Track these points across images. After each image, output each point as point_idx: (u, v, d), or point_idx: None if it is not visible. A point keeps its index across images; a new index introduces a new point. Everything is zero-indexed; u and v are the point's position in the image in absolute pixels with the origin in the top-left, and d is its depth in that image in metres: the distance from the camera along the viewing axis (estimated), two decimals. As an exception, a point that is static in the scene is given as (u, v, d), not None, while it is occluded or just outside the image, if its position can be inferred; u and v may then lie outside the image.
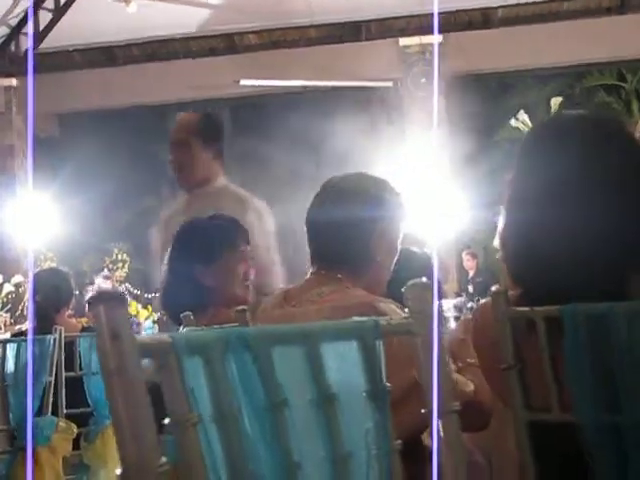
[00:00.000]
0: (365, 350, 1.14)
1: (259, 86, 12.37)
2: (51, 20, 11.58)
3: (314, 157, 13.04)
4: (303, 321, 2.25)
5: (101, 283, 12.23)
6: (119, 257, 13.95)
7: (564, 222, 1.99)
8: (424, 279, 1.28)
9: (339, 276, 2.41)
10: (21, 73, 12.30)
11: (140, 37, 12.35)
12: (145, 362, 0.89)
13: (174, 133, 4.26)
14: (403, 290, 1.25)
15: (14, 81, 12.56)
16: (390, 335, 1.22)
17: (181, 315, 2.69)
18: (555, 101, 5.66)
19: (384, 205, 2.49)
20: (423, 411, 1.19)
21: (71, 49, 12.57)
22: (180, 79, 12.41)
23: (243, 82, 12.22)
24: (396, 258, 3.85)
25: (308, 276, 2.50)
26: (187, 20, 11.95)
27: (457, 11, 11.66)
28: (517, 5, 11.65)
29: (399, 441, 1.15)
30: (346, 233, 2.44)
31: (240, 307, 2.39)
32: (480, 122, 13.24)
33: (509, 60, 12.12)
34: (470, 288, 11.80)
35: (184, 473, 0.89)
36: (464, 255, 12.15)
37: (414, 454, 2.45)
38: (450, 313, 2.86)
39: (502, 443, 2.22)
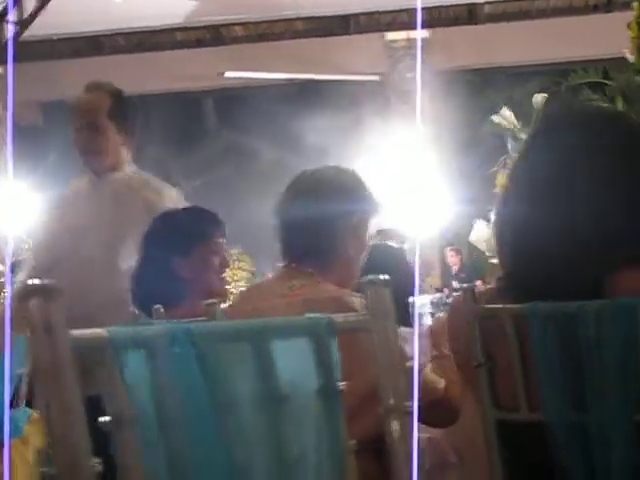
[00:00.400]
0: (318, 348, 1.11)
1: (244, 78, 12.33)
2: (36, 8, 11.48)
3: (299, 150, 12.98)
4: (273, 315, 2.22)
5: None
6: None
7: (549, 218, 1.97)
8: (382, 276, 1.25)
9: (310, 270, 2.39)
10: (4, 61, 12.21)
11: (126, 27, 12.28)
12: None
13: (83, 113, 3.96)
14: (361, 284, 1.23)
15: (-2, 69, 12.47)
16: (345, 332, 1.19)
17: (152, 308, 2.66)
18: (538, 97, 5.63)
19: (355, 199, 2.47)
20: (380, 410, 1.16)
21: (56, 38, 12.49)
22: (166, 70, 12.35)
23: (228, 74, 12.17)
24: (371, 253, 3.84)
25: (279, 270, 2.48)
26: (173, 11, 11.88)
27: (443, 6, 11.64)
28: (503, 1, 11.65)
29: (353, 441, 1.12)
30: (317, 227, 2.41)
31: (211, 300, 2.36)
32: (465, 117, 13.23)
33: (494, 56, 12.12)
34: (454, 284, 11.79)
35: (121, 472, 0.86)
36: (447, 251, 12.14)
37: (384, 449, 2.44)
38: (426, 309, 2.85)
39: (474, 441, 2.19)
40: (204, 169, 15.39)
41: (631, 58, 3.10)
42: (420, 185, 10.76)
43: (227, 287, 3.32)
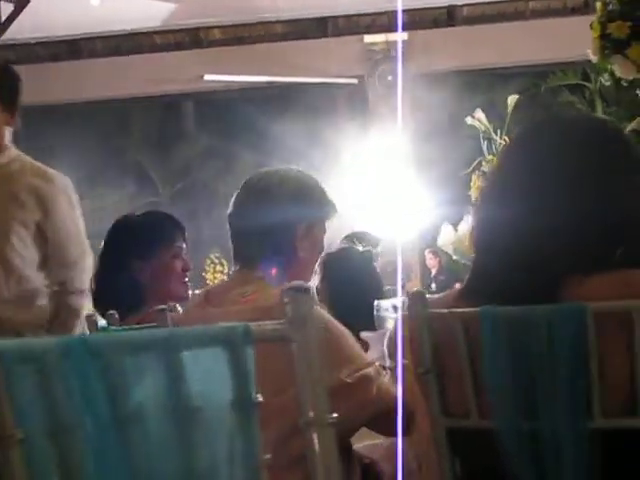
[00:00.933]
0: (233, 358, 1.07)
1: (223, 81, 12.28)
2: (12, 12, 11.41)
3: (278, 154, 12.97)
4: (224, 322, 2.19)
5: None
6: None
7: (512, 223, 1.95)
8: (298, 282, 1.21)
9: (260, 275, 2.36)
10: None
11: (104, 30, 12.22)
12: None
13: None
14: (283, 292, 1.19)
15: (-26, 74, 12.39)
16: (263, 342, 1.16)
17: (108, 313, 2.64)
18: (512, 99, 5.60)
19: (308, 202, 2.43)
20: (298, 422, 1.12)
21: (34, 42, 12.42)
22: (145, 73, 12.29)
23: (207, 77, 12.12)
24: (334, 257, 3.81)
25: (232, 275, 2.45)
26: (152, 14, 11.83)
27: (422, 9, 11.62)
28: (482, 4, 11.63)
29: (268, 455, 1.09)
30: (268, 231, 2.38)
31: (160, 307, 2.33)
32: (445, 120, 13.22)
33: (474, 58, 12.09)
34: (433, 286, 11.77)
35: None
36: (426, 253, 12.12)
37: (342, 456, 2.40)
38: (388, 313, 2.82)
39: (430, 448, 2.17)
40: (184, 172, 15.35)
41: (594, 58, 3.08)
42: (400, 187, 10.74)
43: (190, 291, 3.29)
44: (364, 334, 3.07)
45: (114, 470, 0.92)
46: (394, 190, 10.56)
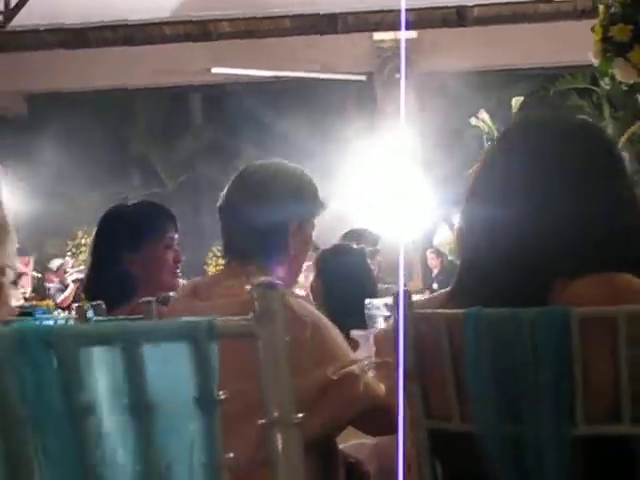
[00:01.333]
0: (196, 353, 1.04)
1: (231, 75, 12.26)
2: (22, -2, 11.40)
3: (283, 149, 12.92)
4: (210, 315, 2.16)
5: (52, 277, 12.09)
6: (83, 241, 13.79)
7: (500, 224, 1.93)
8: (267, 279, 1.18)
9: (250, 268, 2.33)
10: (-10, 50, 12.13)
11: (113, 20, 12.20)
12: None
13: None
14: (252, 288, 1.16)
15: (-18, 59, 12.39)
16: (228, 337, 1.13)
17: (92, 304, 2.62)
18: (516, 101, 5.57)
19: (302, 199, 2.41)
20: (260, 422, 1.10)
21: (42, 29, 12.40)
22: (153, 64, 12.28)
23: (215, 70, 12.11)
24: (327, 254, 3.79)
25: (222, 268, 2.43)
26: (161, 5, 11.81)
27: (432, 8, 11.57)
28: (493, 5, 11.59)
29: (230, 454, 1.06)
30: (260, 226, 2.35)
31: (146, 298, 2.32)
32: (451, 119, 13.18)
33: (483, 59, 12.07)
34: (435, 286, 11.74)
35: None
36: (428, 253, 12.09)
37: (326, 455, 2.38)
38: (380, 312, 2.79)
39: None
40: (189, 165, 15.34)
41: (596, 62, 3.06)
42: (405, 186, 10.71)
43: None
44: (354, 332, 3.05)
45: (66, 465, 0.90)
46: (399, 189, 10.53)
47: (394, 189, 10.63)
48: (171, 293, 3.09)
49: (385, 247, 7.91)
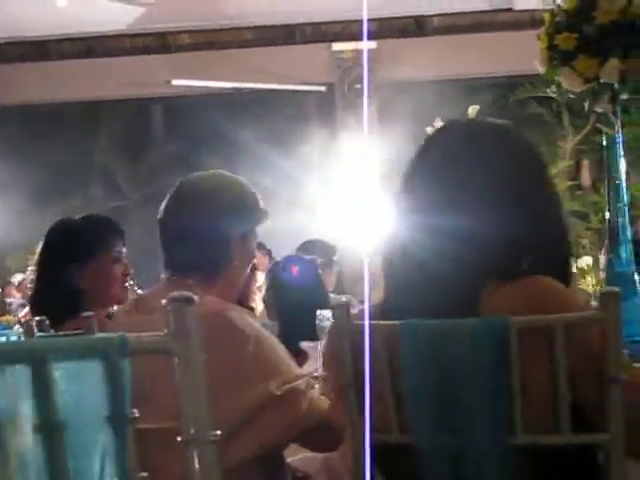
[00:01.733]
0: (109, 370, 1.02)
1: (192, 86, 12.23)
2: (-20, 12, 11.33)
3: (246, 160, 12.90)
4: (151, 329, 2.14)
5: (14, 292, 11.98)
6: (44, 255, 13.61)
7: (425, 233, 1.92)
8: (182, 293, 1.16)
9: (190, 282, 2.30)
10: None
11: (73, 33, 12.15)
12: None
13: None
14: (166, 302, 1.14)
15: (-59, 73, 12.30)
16: (141, 354, 1.11)
17: (35, 319, 2.58)
18: (472, 110, 5.58)
19: (243, 210, 2.38)
20: (179, 439, 1.07)
21: (2, 42, 12.34)
22: (113, 76, 12.23)
23: (175, 82, 12.08)
24: (278, 266, 3.78)
25: (161, 282, 2.40)
26: (120, 17, 11.77)
27: (391, 18, 11.61)
28: (452, 14, 11.64)
29: (144, 473, 1.03)
30: (199, 239, 2.33)
31: (87, 313, 2.29)
32: (412, 129, 13.20)
33: (443, 68, 12.10)
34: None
35: None
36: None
37: (272, 470, 2.36)
38: (329, 323, 2.77)
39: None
40: (151, 177, 15.26)
41: (542, 70, 3.06)
42: (366, 197, 10.72)
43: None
44: (304, 344, 3.03)
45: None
46: (361, 199, 10.54)
47: (356, 199, 10.64)
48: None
49: (347, 257, 7.90)
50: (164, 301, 1.11)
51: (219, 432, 2.09)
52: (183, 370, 1.05)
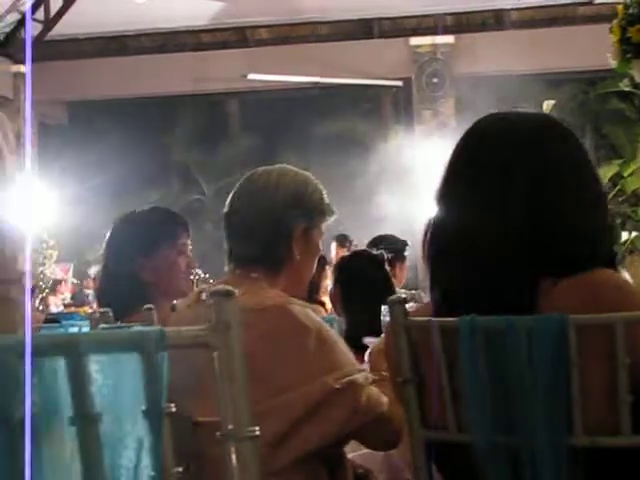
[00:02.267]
0: (147, 363, 1.01)
1: (268, 81, 12.27)
2: (61, 7, 11.50)
3: (321, 155, 12.92)
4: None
5: (91, 284, 12.10)
6: (122, 249, 13.77)
7: (477, 225, 1.88)
8: (223, 287, 1.14)
9: (254, 275, 2.29)
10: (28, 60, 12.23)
11: (151, 28, 12.29)
12: None
13: None
14: (205, 297, 1.13)
15: (23, 67, 12.51)
16: (180, 348, 1.09)
17: (99, 311, 2.60)
18: (547, 105, 5.49)
19: (304, 204, 2.36)
20: (217, 434, 1.06)
21: (81, 37, 12.53)
22: (190, 71, 12.34)
23: (251, 76, 12.13)
24: (347, 260, 3.75)
25: (225, 276, 2.39)
26: (198, 12, 11.88)
27: (469, 12, 11.53)
28: (530, 8, 11.52)
29: (179, 469, 1.02)
30: (262, 231, 2.31)
31: (148, 305, 2.29)
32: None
33: (521, 63, 11.96)
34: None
35: None
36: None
37: (333, 465, 2.34)
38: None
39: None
40: (226, 171, 15.36)
41: (614, 63, 2.99)
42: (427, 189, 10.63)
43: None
44: (367, 339, 3.00)
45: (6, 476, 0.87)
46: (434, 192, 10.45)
47: (429, 193, 10.55)
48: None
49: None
50: (204, 295, 1.09)
51: (284, 424, 2.09)
52: (222, 364, 1.04)
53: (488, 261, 1.84)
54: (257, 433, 1.07)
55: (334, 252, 7.65)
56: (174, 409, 1.02)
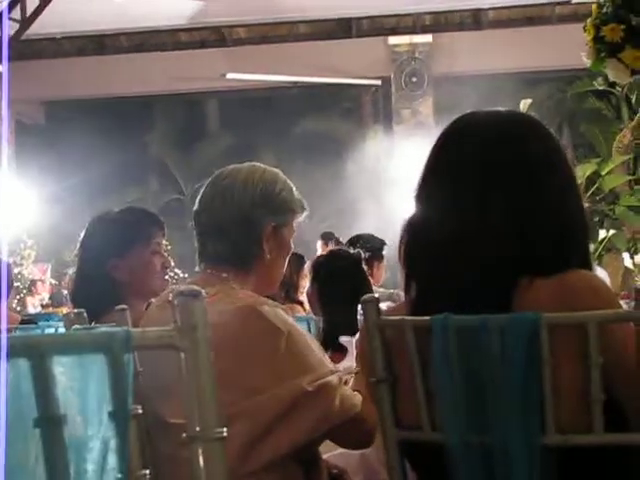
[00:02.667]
0: (113, 364, 1.00)
1: (246, 80, 12.26)
2: (38, 6, 11.44)
3: (301, 154, 12.93)
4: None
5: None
6: (101, 248, 13.72)
7: (455, 223, 1.88)
8: (189, 288, 1.13)
9: (224, 275, 2.27)
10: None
11: (129, 27, 12.25)
12: None
13: None
14: (171, 298, 1.12)
15: None
16: (146, 349, 1.08)
17: (74, 312, 2.57)
18: (524, 104, 5.51)
19: (273, 202, 2.34)
20: (184, 435, 1.05)
21: (59, 36, 12.47)
22: (168, 70, 12.32)
23: (230, 76, 12.11)
24: (325, 258, 3.74)
25: (195, 275, 2.37)
26: (177, 12, 11.84)
27: (448, 11, 11.55)
28: (508, 7, 11.54)
29: (145, 471, 1.01)
30: (232, 230, 2.29)
31: (120, 306, 2.27)
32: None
33: (499, 62, 12.01)
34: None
35: None
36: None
37: (307, 466, 2.33)
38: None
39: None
40: (205, 170, 15.33)
41: (588, 62, 3.00)
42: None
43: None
44: (343, 338, 3.00)
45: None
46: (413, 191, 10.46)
47: (408, 192, 10.56)
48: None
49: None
50: (170, 296, 1.08)
51: (260, 426, 2.08)
52: (189, 366, 1.03)
53: (465, 260, 1.84)
54: (225, 434, 1.06)
55: (320, 250, 7.65)
56: (140, 411, 1.02)
